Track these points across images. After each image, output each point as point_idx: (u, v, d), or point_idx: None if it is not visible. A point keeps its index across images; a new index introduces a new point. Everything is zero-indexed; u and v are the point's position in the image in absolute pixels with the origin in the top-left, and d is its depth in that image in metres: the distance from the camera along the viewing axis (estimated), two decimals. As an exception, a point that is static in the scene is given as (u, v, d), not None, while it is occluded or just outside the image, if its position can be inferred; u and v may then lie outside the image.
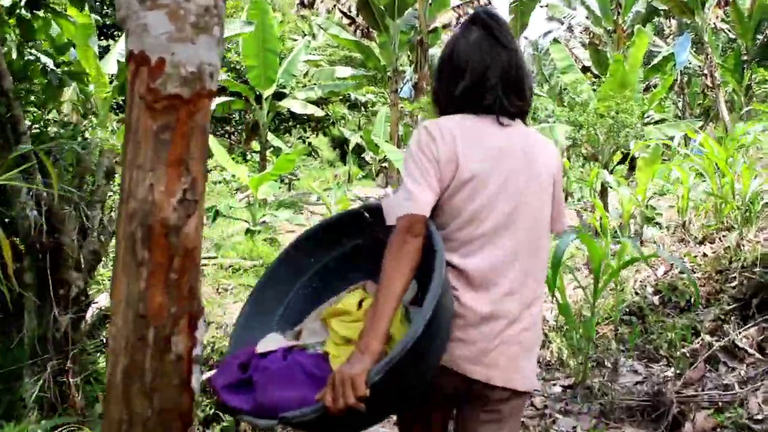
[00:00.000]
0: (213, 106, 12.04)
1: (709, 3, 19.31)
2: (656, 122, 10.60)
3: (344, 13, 16.99)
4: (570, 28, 52.63)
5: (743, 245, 4.87)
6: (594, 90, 10.82)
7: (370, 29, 17.15)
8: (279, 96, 16.00)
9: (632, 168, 10.66)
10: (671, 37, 23.78)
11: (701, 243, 5.73)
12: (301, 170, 24.07)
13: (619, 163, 9.83)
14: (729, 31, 24.14)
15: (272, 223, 11.18)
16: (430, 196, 1.74)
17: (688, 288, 4.76)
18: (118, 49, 7.62)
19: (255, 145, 18.14)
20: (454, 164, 1.77)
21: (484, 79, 1.86)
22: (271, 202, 11.29)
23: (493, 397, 1.83)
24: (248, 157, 17.36)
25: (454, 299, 1.75)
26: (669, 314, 4.76)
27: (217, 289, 7.61)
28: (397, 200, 1.74)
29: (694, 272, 5.03)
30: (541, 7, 21.62)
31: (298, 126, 20.99)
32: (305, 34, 29.26)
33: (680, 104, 21.74)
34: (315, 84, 16.87)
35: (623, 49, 19.29)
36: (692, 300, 4.61)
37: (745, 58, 25.47)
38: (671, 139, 10.57)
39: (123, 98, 5.56)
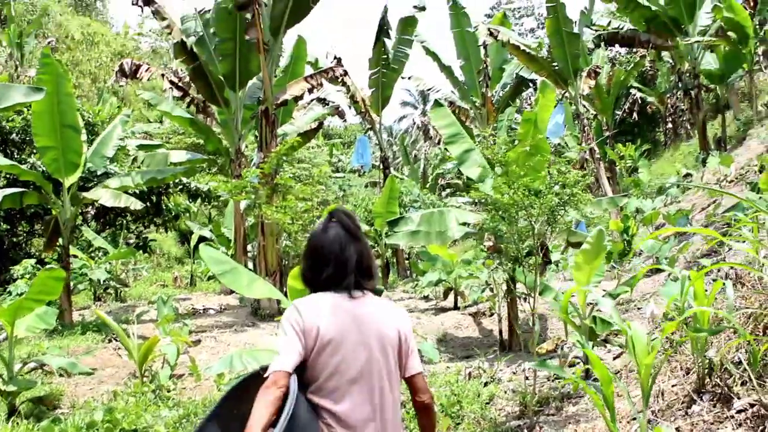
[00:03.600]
0: None
1: (582, 74, 17.63)
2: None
3: (174, 84, 13.66)
4: (424, 113, 51.97)
5: None
6: (488, 161, 7.99)
7: (207, 104, 13.90)
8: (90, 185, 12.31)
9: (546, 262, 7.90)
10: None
11: None
12: (140, 272, 20.04)
13: (532, 254, 6.91)
14: (588, 106, 23.05)
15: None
16: (294, 357, 2.26)
17: None
18: None
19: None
20: (314, 332, 2.30)
21: (344, 268, 2.44)
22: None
23: None
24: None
25: None
26: None
27: None
28: (274, 360, 2.27)
29: None
30: (403, 78, 19.23)
31: (127, 220, 17.16)
32: (150, 121, 25.75)
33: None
34: (133, 170, 13.24)
35: (492, 124, 17.40)
36: None
37: (607, 133, 24.77)
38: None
39: None
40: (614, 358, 6.99)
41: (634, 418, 4.95)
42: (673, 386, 5.13)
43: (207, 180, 16.30)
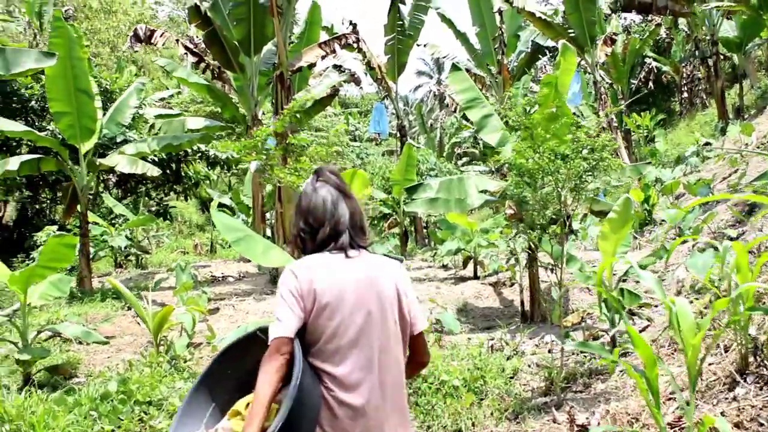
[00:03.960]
0: (13, 166, 5.08)
1: (598, 41, 16.92)
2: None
3: (189, 50, 13.15)
4: (439, 82, 51.05)
5: None
6: (508, 124, 7.47)
7: (223, 70, 13.38)
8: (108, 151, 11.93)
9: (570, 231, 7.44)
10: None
11: None
12: (161, 239, 19.76)
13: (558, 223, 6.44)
14: (603, 75, 22.30)
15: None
16: (294, 322, 2.16)
17: None
18: None
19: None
20: (312, 295, 2.19)
21: (338, 226, 2.34)
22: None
23: None
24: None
25: (331, 398, 2.17)
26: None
27: None
28: (273, 326, 2.17)
29: None
30: (418, 46, 18.57)
31: (148, 188, 16.81)
32: (169, 89, 25.23)
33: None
34: (149, 137, 12.79)
35: (508, 92, 16.72)
36: None
37: (622, 102, 24.01)
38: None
39: None
40: (640, 331, 6.56)
41: (671, 398, 4.54)
42: (710, 365, 4.71)
43: (220, 145, 15.87)
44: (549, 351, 7.01)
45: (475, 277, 11.48)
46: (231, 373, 2.49)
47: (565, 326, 7.07)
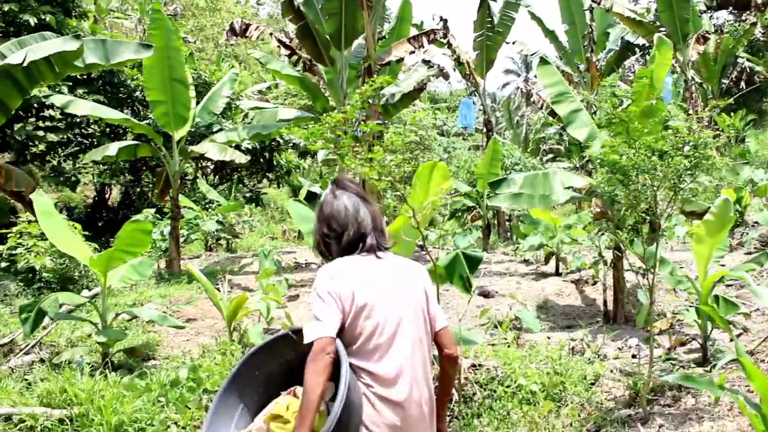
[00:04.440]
0: (113, 151, 4.03)
1: (690, 39, 15.64)
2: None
3: (282, 43, 12.92)
4: (526, 80, 49.44)
5: None
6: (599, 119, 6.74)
7: (314, 63, 13.08)
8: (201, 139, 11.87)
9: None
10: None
11: None
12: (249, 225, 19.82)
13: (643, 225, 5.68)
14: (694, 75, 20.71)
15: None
16: (336, 322, 2.14)
17: None
18: None
19: (182, 200, 13.93)
20: (350, 296, 2.18)
21: (362, 229, 2.35)
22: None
23: None
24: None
25: (372, 395, 2.16)
26: None
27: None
28: (312, 326, 2.12)
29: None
30: (507, 43, 17.73)
31: (242, 175, 16.84)
32: (267, 85, 25.36)
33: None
34: (239, 125, 12.65)
35: (596, 90, 15.67)
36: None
37: (713, 102, 22.23)
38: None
39: None
40: (730, 340, 5.75)
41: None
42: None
43: (288, 130, 15.55)
44: (633, 356, 6.31)
45: (557, 273, 10.73)
46: (258, 374, 2.45)
47: (653, 331, 6.33)
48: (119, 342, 6.27)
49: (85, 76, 12.58)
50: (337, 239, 2.35)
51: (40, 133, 12.86)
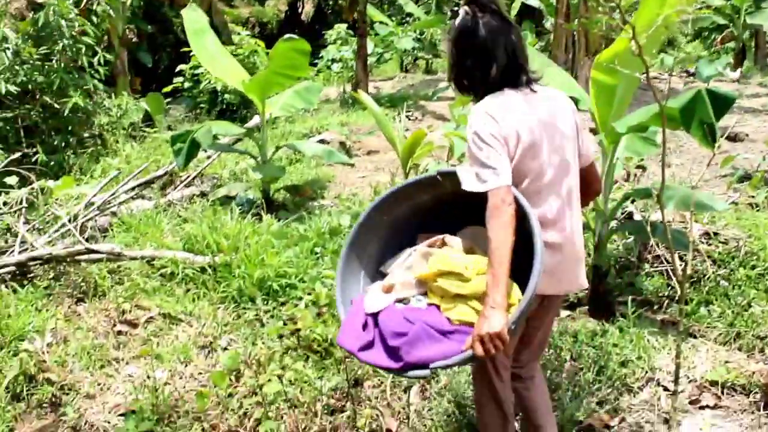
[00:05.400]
0: None
1: None
2: None
3: None
4: None
5: None
6: None
7: None
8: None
9: None
10: None
11: None
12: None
13: None
14: None
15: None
16: (508, 167, 1.93)
17: None
18: None
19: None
20: (515, 137, 1.96)
21: (515, 59, 2.02)
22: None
23: (558, 300, 2.29)
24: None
25: None
26: None
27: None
28: (485, 174, 1.90)
29: None
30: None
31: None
32: None
33: None
34: None
35: None
36: None
37: None
38: None
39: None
40: None
41: None
42: None
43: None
44: None
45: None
46: (386, 219, 2.27)
47: None
48: (280, 179, 5.56)
49: None
50: (484, 71, 2.04)
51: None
